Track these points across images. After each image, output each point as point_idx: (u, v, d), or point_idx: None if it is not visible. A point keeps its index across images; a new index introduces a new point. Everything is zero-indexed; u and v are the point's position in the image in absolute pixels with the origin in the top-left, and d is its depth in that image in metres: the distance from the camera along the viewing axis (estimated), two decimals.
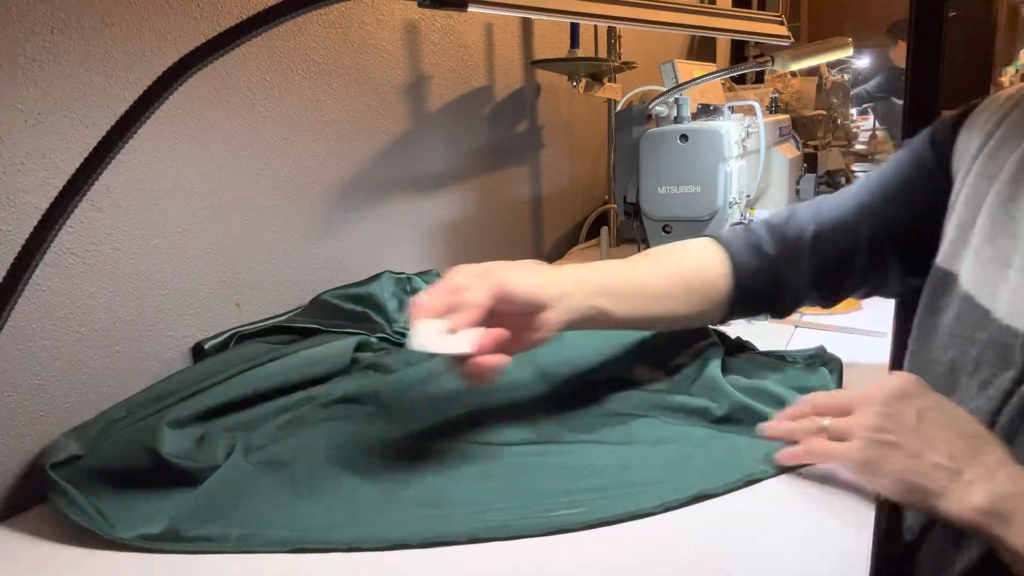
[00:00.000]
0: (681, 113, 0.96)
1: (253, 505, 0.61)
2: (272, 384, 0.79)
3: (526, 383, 0.83)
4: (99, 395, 0.73)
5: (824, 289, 0.80)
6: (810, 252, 0.78)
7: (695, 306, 0.77)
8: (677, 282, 0.76)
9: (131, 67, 0.73)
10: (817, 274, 0.79)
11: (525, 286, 0.66)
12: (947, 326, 0.65)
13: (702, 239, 0.81)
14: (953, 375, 0.64)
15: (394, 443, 0.71)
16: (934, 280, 0.69)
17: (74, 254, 0.70)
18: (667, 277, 0.76)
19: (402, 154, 1.15)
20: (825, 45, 1.04)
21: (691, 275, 0.77)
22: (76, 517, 0.58)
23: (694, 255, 0.79)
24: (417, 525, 0.58)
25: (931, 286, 0.69)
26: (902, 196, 0.76)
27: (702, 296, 0.77)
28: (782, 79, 2.18)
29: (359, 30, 1.04)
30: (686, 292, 0.76)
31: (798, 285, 0.79)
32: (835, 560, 0.53)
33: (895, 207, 0.76)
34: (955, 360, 0.64)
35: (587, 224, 1.74)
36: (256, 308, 0.91)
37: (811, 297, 0.81)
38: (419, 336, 0.61)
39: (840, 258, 0.78)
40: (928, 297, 0.69)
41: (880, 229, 0.76)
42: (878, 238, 0.76)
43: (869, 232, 0.77)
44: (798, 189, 1.23)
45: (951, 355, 0.64)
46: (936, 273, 0.69)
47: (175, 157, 0.79)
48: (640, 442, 0.69)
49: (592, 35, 1.60)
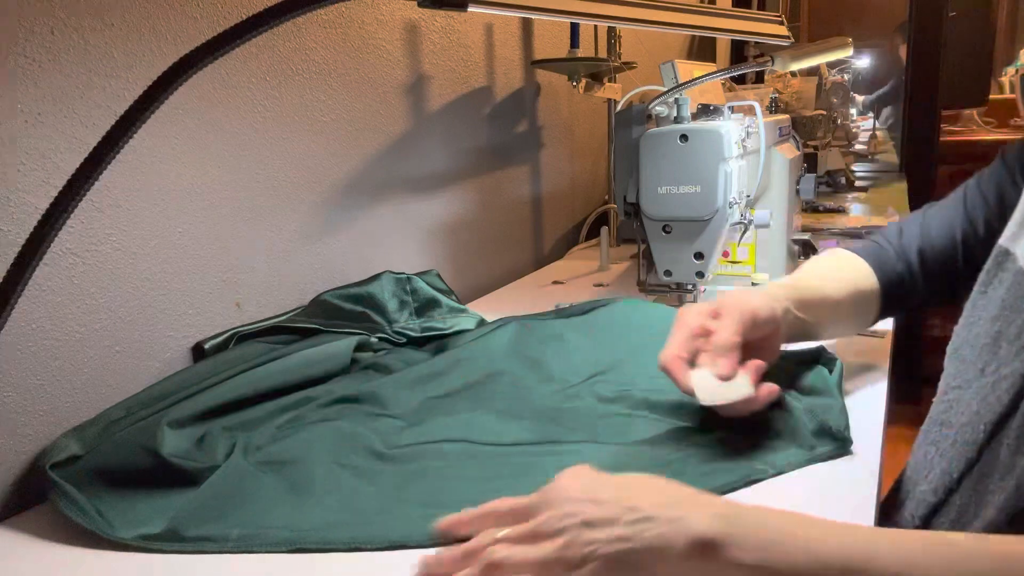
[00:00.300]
0: (681, 113, 0.95)
1: (253, 505, 0.61)
2: (272, 384, 0.79)
3: (527, 384, 0.83)
4: (99, 395, 0.73)
5: (940, 294, 0.86)
6: (920, 263, 0.84)
7: (859, 323, 0.86)
8: (848, 298, 0.82)
9: (131, 67, 0.73)
10: (928, 280, 0.84)
11: (766, 310, 0.70)
12: (998, 299, 0.67)
13: (854, 256, 0.87)
14: (995, 344, 0.65)
15: (394, 443, 0.71)
16: (993, 258, 0.71)
17: (74, 254, 0.70)
18: (843, 294, 0.82)
19: (402, 154, 1.15)
20: (825, 45, 1.04)
21: (856, 292, 0.83)
22: (76, 517, 0.58)
23: (858, 273, 0.85)
24: (417, 525, 0.58)
25: (989, 264, 0.71)
26: (992, 192, 0.80)
27: (865, 313, 0.85)
28: (782, 79, 2.18)
29: (359, 30, 1.04)
30: (855, 310, 0.84)
31: (918, 293, 0.85)
32: None
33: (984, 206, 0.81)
34: (1001, 330, 0.65)
35: (587, 224, 1.74)
36: (256, 308, 0.91)
37: (931, 303, 0.87)
38: (702, 391, 0.65)
39: (945, 263, 0.83)
40: (984, 274, 0.71)
41: (970, 228, 0.81)
42: (968, 236, 0.81)
43: (961, 234, 0.82)
44: (798, 189, 1.22)
45: (998, 326, 0.66)
46: (996, 252, 0.71)
47: (175, 157, 0.79)
48: (639, 442, 0.69)
49: (592, 35, 1.60)
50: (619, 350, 0.88)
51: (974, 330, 0.69)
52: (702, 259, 0.96)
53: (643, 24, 0.70)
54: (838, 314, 0.82)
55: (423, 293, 0.99)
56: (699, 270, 0.96)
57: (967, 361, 0.68)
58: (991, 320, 0.67)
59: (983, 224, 0.80)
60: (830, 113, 2.27)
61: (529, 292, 1.32)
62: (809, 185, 1.22)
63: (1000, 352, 0.64)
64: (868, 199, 2.17)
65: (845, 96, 2.42)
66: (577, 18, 0.95)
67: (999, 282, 0.68)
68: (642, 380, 0.81)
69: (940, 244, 0.83)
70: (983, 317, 0.68)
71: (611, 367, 0.85)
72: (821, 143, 2.12)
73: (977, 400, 0.65)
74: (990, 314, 0.67)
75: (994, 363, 0.64)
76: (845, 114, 2.55)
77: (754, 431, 0.69)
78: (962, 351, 0.69)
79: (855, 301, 0.83)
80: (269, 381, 0.78)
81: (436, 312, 0.99)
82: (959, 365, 0.70)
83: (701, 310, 0.71)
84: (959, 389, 0.68)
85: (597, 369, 0.85)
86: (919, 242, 0.84)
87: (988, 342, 0.66)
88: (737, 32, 0.84)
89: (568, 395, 0.80)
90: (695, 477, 0.63)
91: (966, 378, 0.68)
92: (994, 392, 0.62)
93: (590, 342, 0.91)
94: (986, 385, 0.64)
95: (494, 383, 0.83)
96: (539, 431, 0.73)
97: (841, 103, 2.41)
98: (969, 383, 0.67)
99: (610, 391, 0.79)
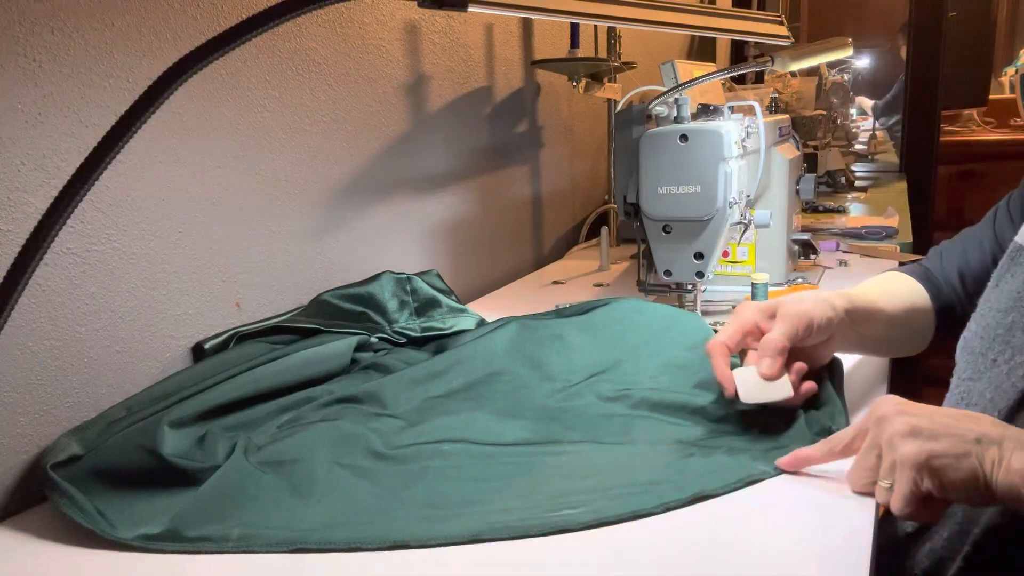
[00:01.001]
0: (681, 113, 0.95)
1: (254, 505, 0.61)
2: (272, 384, 0.79)
3: (527, 384, 0.83)
4: (99, 395, 0.73)
5: None
6: (962, 285, 0.85)
7: (915, 341, 0.86)
8: (903, 313, 0.83)
9: (131, 67, 0.73)
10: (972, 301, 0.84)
11: (822, 318, 0.71)
12: (1011, 292, 0.68)
13: (908, 277, 0.88)
14: (1010, 333, 0.66)
15: (395, 443, 0.71)
16: (1008, 255, 0.72)
17: (74, 254, 0.70)
18: (899, 310, 0.82)
19: (402, 154, 1.15)
20: (825, 45, 1.04)
21: (912, 309, 0.84)
22: (77, 517, 0.58)
23: (912, 291, 0.86)
24: (418, 525, 0.58)
25: (1004, 260, 0.73)
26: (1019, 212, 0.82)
27: (921, 331, 0.86)
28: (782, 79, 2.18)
29: (359, 30, 1.04)
30: (910, 326, 0.85)
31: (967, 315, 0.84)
32: (836, 559, 0.53)
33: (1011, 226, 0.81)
34: (1015, 321, 0.66)
35: (587, 224, 1.74)
36: (256, 308, 0.91)
37: None
38: (745, 389, 0.67)
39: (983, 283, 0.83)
40: (998, 269, 0.73)
41: (998, 248, 0.82)
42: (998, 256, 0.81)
43: (992, 255, 0.83)
44: (798, 189, 1.23)
45: (1012, 317, 0.67)
46: (1012, 248, 0.72)
47: (175, 157, 0.79)
48: (640, 442, 0.69)
49: (592, 35, 1.60)
50: (619, 350, 0.88)
51: (983, 323, 0.70)
52: (702, 259, 0.96)
53: (643, 24, 0.70)
54: (893, 330, 0.83)
55: (423, 293, 0.99)
56: (699, 270, 0.96)
57: (976, 353, 0.69)
58: (1003, 312, 0.67)
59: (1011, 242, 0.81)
60: (830, 113, 2.27)
61: (529, 292, 1.32)
62: (809, 185, 1.22)
63: (1014, 341, 0.64)
64: (868, 199, 2.17)
65: (845, 96, 2.42)
66: (577, 18, 0.95)
67: (1011, 276, 0.69)
68: (643, 380, 0.81)
69: (976, 265, 0.84)
70: (993, 309, 0.69)
71: (611, 367, 0.85)
72: (821, 143, 2.12)
73: (991, 389, 0.65)
74: (1001, 306, 0.68)
75: (1008, 352, 0.65)
76: (845, 114, 2.55)
77: (755, 431, 0.69)
78: (972, 344, 0.70)
79: (911, 319, 0.84)
80: (269, 381, 0.78)
81: (436, 312, 0.99)
82: (969, 357, 0.70)
83: (760, 307, 0.73)
84: (971, 380, 0.69)
85: (597, 369, 0.85)
86: (959, 265, 0.86)
87: (1001, 333, 0.67)
88: (737, 32, 0.84)
89: (569, 395, 0.80)
90: (696, 477, 0.63)
91: (978, 369, 0.68)
92: (1009, 379, 0.63)
93: (590, 342, 0.91)
94: (1000, 374, 0.64)
95: (494, 383, 0.83)
96: (539, 431, 0.73)
97: (841, 103, 2.41)
98: (981, 374, 0.68)
99: (611, 391, 0.79)
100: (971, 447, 0.53)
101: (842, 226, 1.67)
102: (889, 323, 0.82)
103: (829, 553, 0.53)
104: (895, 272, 0.90)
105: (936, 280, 0.87)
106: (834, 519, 0.57)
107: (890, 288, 0.86)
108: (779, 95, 1.87)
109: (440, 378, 0.84)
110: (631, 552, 0.55)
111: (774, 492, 0.62)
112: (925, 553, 0.69)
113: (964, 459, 0.53)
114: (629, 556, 0.54)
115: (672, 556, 0.54)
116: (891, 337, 0.84)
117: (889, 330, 0.82)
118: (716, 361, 0.70)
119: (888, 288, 0.86)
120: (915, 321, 0.85)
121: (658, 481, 0.62)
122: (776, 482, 0.63)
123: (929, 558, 0.68)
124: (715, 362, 0.70)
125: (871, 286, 0.86)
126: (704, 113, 1.00)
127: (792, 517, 0.58)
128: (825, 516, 0.58)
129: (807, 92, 2.17)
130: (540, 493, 0.62)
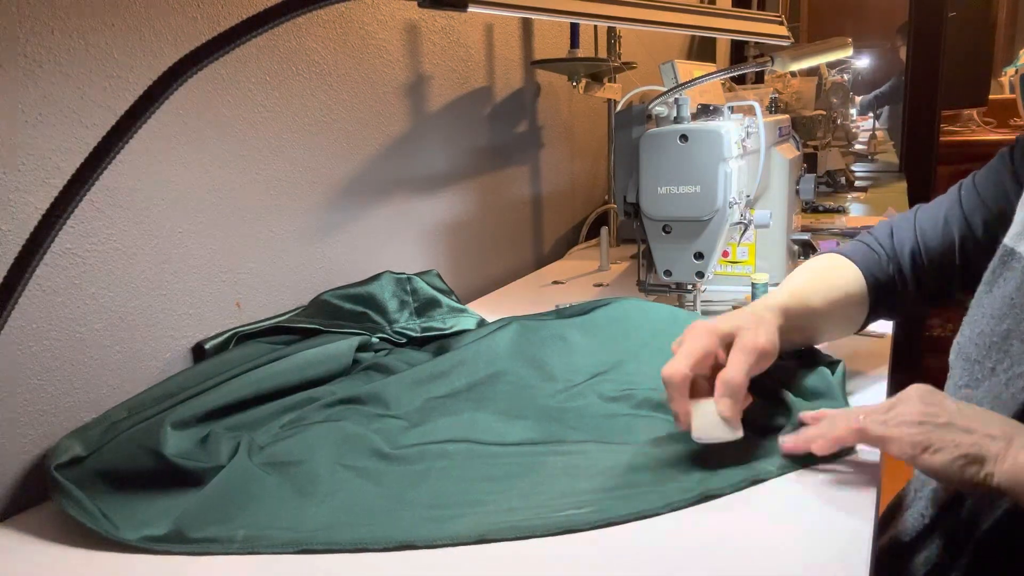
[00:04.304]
0: (681, 113, 0.95)
1: (258, 506, 0.61)
2: (274, 384, 0.79)
3: (529, 384, 0.83)
4: (99, 395, 0.73)
5: (933, 297, 0.86)
6: (912, 265, 0.84)
7: (847, 328, 0.86)
8: (837, 307, 0.82)
9: (131, 67, 0.73)
10: (920, 283, 0.84)
11: (771, 346, 0.68)
12: (1006, 298, 0.67)
13: (843, 260, 0.86)
14: (1006, 343, 0.65)
15: (398, 444, 0.71)
16: (998, 257, 0.71)
17: (74, 254, 0.70)
18: (832, 304, 0.81)
19: (402, 154, 1.15)
20: (825, 45, 1.04)
21: (846, 300, 0.83)
22: (81, 518, 0.58)
23: (847, 279, 0.84)
24: (423, 526, 0.58)
25: (995, 263, 0.72)
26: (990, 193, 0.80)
27: (854, 317, 0.85)
28: (782, 79, 2.18)
29: (359, 30, 1.04)
30: (844, 317, 0.84)
31: (908, 296, 0.85)
32: (838, 559, 0.53)
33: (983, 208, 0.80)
34: (1011, 328, 0.66)
35: (587, 224, 1.74)
36: (256, 308, 0.91)
37: (922, 306, 0.87)
38: (699, 424, 0.65)
39: (941, 265, 0.83)
40: (990, 273, 0.72)
41: (967, 230, 0.81)
42: (966, 238, 0.81)
43: (959, 236, 0.81)
44: (798, 189, 1.22)
45: (1007, 324, 0.66)
46: (1002, 251, 0.71)
47: (175, 157, 0.79)
48: (645, 442, 0.69)
49: (592, 35, 1.60)
50: (621, 350, 0.88)
51: (977, 328, 0.69)
52: (702, 259, 0.96)
53: (643, 24, 0.70)
54: (826, 323, 0.82)
55: (423, 293, 0.99)
56: (699, 270, 0.96)
57: (972, 360, 0.68)
58: (998, 318, 0.67)
59: (982, 226, 0.79)
60: (830, 113, 2.27)
61: (529, 292, 1.32)
62: (809, 185, 1.22)
63: (1012, 350, 0.64)
64: (868, 199, 2.17)
65: (845, 96, 2.42)
66: (577, 18, 0.95)
67: (1004, 280, 0.68)
68: (644, 379, 0.81)
69: (936, 246, 0.82)
70: (987, 315, 0.68)
71: (613, 367, 0.85)
72: (821, 143, 2.12)
73: (989, 398, 0.65)
74: (995, 312, 0.67)
75: (1006, 361, 0.64)
76: (845, 114, 2.55)
77: (757, 432, 0.69)
78: (967, 350, 0.70)
79: (844, 310, 0.83)
80: (271, 381, 0.78)
81: (436, 312, 0.99)
82: (965, 364, 0.70)
83: (717, 333, 0.68)
84: (968, 388, 0.68)
85: (599, 369, 0.85)
86: (912, 244, 0.84)
87: (997, 340, 0.66)
88: (737, 32, 0.84)
89: (571, 395, 0.80)
90: (698, 477, 0.63)
91: (975, 377, 0.68)
92: (1008, 390, 0.63)
93: (592, 342, 0.91)
94: (999, 383, 0.64)
95: (496, 383, 0.83)
96: (543, 431, 0.72)
97: (841, 103, 2.41)
98: (979, 382, 0.67)
99: (613, 390, 0.79)
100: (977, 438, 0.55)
101: (842, 226, 1.67)
102: (823, 319, 0.81)
103: (833, 551, 0.53)
104: (832, 256, 0.87)
105: (879, 258, 0.84)
106: (838, 518, 0.57)
107: (824, 279, 0.83)
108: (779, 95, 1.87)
109: (442, 379, 0.84)
110: (637, 552, 0.55)
111: (775, 492, 0.62)
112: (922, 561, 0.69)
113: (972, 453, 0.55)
114: (635, 556, 0.54)
115: (678, 556, 0.54)
116: (824, 330, 0.83)
117: (823, 324, 0.82)
118: (676, 394, 0.65)
119: (822, 279, 0.83)
120: (848, 310, 0.83)
121: (663, 481, 0.62)
122: (781, 482, 0.63)
123: (925, 566, 0.68)
124: (674, 394, 0.65)
125: (804, 279, 0.84)
126: (704, 113, 1.00)
127: (797, 516, 0.58)
128: (825, 516, 0.58)
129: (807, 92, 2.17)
130: (545, 493, 0.62)
